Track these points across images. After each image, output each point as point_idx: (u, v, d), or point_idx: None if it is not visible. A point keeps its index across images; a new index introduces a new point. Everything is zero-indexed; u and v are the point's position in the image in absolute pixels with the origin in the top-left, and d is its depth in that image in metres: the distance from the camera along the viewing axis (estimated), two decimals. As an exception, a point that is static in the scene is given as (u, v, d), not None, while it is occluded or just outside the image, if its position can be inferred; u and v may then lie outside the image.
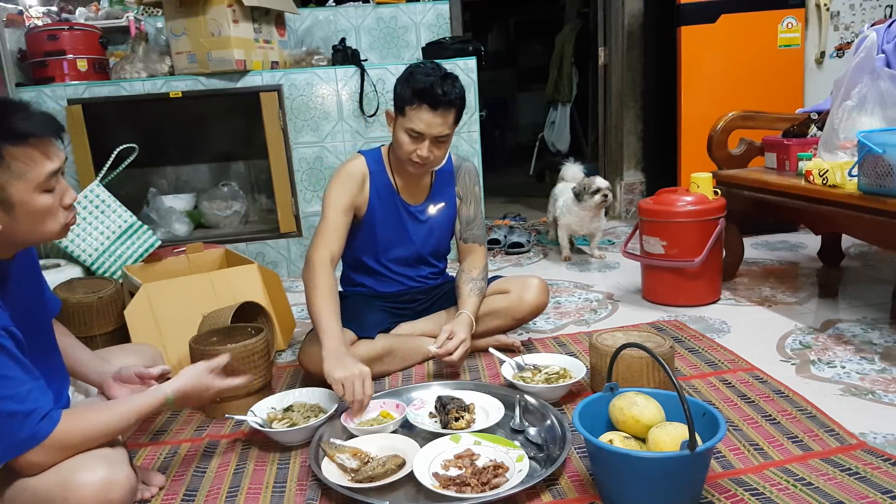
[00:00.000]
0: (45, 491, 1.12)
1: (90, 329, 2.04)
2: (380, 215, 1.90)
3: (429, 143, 1.74)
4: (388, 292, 2.01)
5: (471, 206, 2.02)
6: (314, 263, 1.74)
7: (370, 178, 1.88)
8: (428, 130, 1.72)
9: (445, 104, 1.71)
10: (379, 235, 1.92)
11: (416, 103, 1.71)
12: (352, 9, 3.53)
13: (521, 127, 8.07)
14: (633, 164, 4.11)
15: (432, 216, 1.97)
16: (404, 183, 1.92)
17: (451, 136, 1.79)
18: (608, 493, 1.24)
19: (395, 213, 1.92)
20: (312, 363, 1.78)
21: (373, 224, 1.90)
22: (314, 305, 1.68)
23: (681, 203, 2.33)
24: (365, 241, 1.93)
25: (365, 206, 1.88)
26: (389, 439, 1.46)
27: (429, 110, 1.70)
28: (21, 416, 1.07)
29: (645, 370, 1.56)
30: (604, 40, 4.06)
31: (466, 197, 2.01)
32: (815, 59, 3.47)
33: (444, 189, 1.99)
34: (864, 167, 1.83)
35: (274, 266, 3.16)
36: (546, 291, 2.03)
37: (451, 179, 2.00)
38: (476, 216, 2.03)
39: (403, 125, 1.75)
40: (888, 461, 1.32)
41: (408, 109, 1.73)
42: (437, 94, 1.69)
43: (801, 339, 2.01)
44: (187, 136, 3.59)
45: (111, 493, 1.14)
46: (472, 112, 3.17)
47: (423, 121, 1.71)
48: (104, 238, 2.47)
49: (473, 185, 2.02)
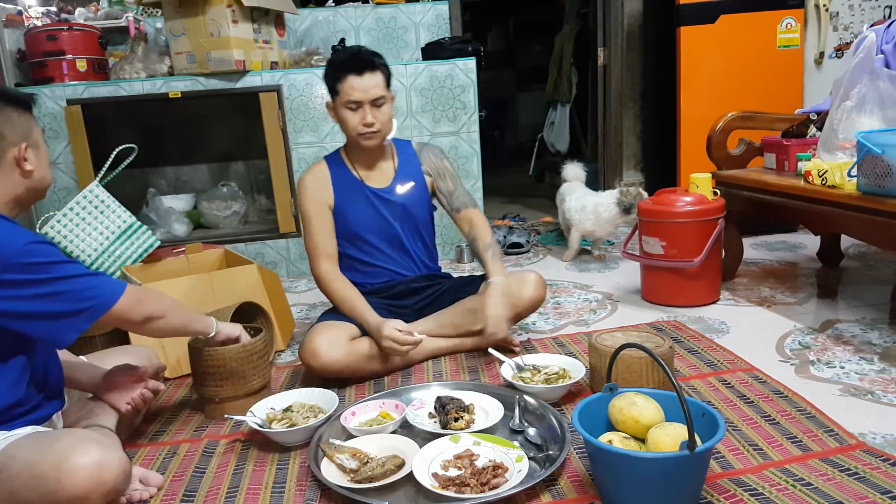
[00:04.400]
0: (41, 473, 1.13)
1: (89, 330, 2.01)
2: (349, 205, 1.98)
3: (368, 108, 1.86)
4: (378, 284, 2.03)
5: (446, 179, 2.08)
6: (321, 278, 1.94)
7: (332, 176, 2.00)
8: (362, 95, 1.85)
9: (368, 65, 1.86)
10: (353, 219, 1.98)
11: (343, 76, 1.86)
12: (351, 9, 3.53)
13: (520, 127, 8.07)
14: (633, 165, 4.11)
15: (402, 195, 2.02)
16: (367, 171, 2.02)
17: (387, 98, 1.90)
18: (607, 494, 1.24)
19: (363, 199, 1.99)
20: (313, 358, 1.79)
21: (345, 215, 1.98)
22: (341, 302, 1.91)
23: (680, 203, 2.33)
24: (343, 230, 1.99)
25: (333, 200, 1.98)
26: (389, 439, 1.46)
27: (356, 76, 1.85)
28: (102, 276, 1.31)
29: (644, 370, 1.56)
30: (603, 40, 4.06)
31: (439, 172, 2.08)
32: (815, 59, 3.47)
33: (410, 170, 2.05)
34: (864, 167, 1.84)
35: (273, 266, 3.16)
36: (543, 286, 2.04)
37: (416, 160, 2.07)
38: (456, 186, 2.09)
39: (341, 102, 1.88)
40: (887, 461, 1.32)
41: (339, 86, 1.87)
42: (357, 60, 1.86)
43: (801, 339, 2.01)
44: (187, 137, 3.58)
45: (104, 474, 1.16)
46: (471, 112, 3.18)
47: (355, 87, 1.85)
48: (103, 238, 2.47)
49: (441, 160, 2.09)
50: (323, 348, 1.79)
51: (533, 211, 4.66)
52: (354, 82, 1.84)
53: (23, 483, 1.14)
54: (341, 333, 1.85)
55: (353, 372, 1.84)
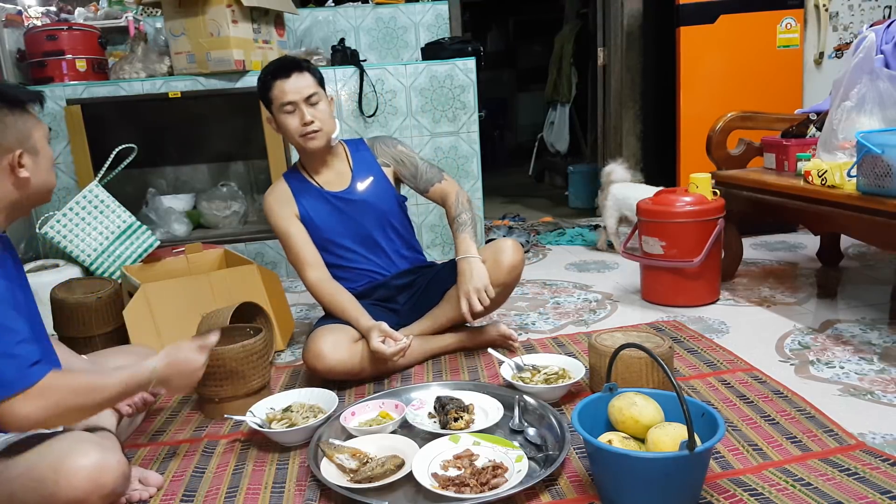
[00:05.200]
0: (39, 475, 1.13)
1: (89, 329, 2.04)
2: (315, 214, 1.99)
3: (304, 106, 1.87)
4: (361, 288, 2.02)
5: (405, 163, 2.09)
6: (311, 286, 1.94)
7: (293, 189, 2.01)
8: (295, 95, 1.86)
9: (294, 67, 1.88)
10: (322, 225, 1.99)
11: (272, 82, 1.88)
12: (351, 9, 3.53)
13: (520, 127, 8.07)
14: (633, 165, 4.08)
15: (363, 192, 2.02)
16: (325, 177, 2.03)
17: (322, 95, 1.91)
18: (607, 494, 1.24)
19: (326, 204, 2.01)
20: (318, 360, 1.79)
21: (312, 219, 1.99)
22: (333, 308, 1.91)
23: (680, 203, 2.33)
24: (315, 239, 1.99)
25: (298, 212, 1.99)
26: (388, 439, 1.46)
27: (283, 79, 1.86)
28: (12, 359, 1.09)
29: (644, 370, 1.56)
30: (603, 41, 4.06)
31: (396, 159, 2.09)
32: (814, 59, 3.47)
33: (365, 166, 2.06)
34: (863, 168, 1.84)
35: (273, 266, 3.16)
36: (520, 250, 1.99)
37: (370, 155, 2.08)
38: (417, 164, 2.09)
39: (277, 108, 1.89)
40: (887, 461, 1.32)
41: (271, 94, 1.89)
42: (281, 65, 1.89)
43: (800, 339, 2.01)
44: (186, 137, 3.58)
45: (103, 476, 1.15)
46: (471, 112, 3.18)
47: (285, 89, 1.86)
48: (103, 238, 2.47)
49: (394, 147, 2.10)
50: (328, 351, 1.79)
51: (533, 211, 4.66)
52: (284, 85, 1.86)
53: (21, 485, 1.14)
54: (344, 336, 1.84)
55: (358, 373, 1.84)
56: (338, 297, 1.91)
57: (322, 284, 1.93)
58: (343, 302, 1.90)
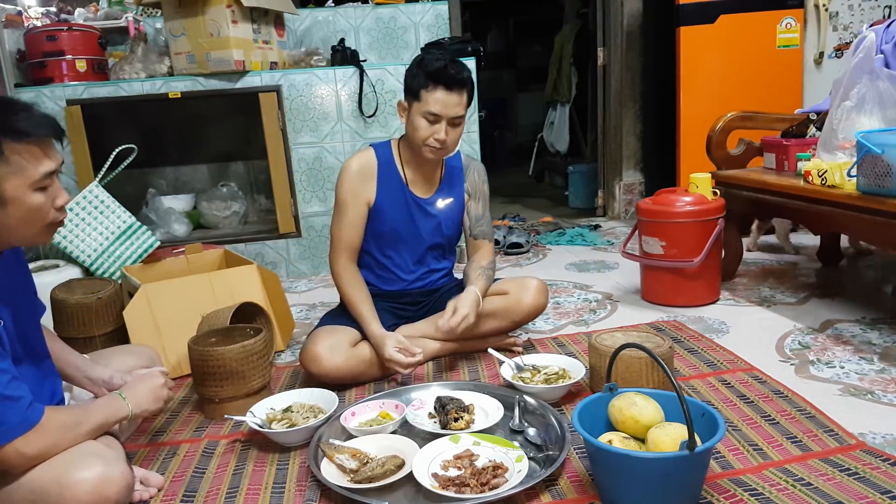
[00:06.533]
0: (41, 488, 1.12)
1: (89, 330, 2.04)
2: (388, 206, 1.92)
3: (445, 125, 1.79)
4: (390, 291, 2.01)
5: (479, 203, 2.05)
6: (336, 272, 1.92)
7: (379, 170, 1.91)
8: (445, 111, 1.77)
9: (459, 83, 1.77)
10: (387, 227, 1.93)
11: (432, 85, 1.76)
12: (351, 9, 3.53)
13: (520, 127, 8.07)
14: (633, 165, 4.11)
15: (441, 210, 1.98)
16: (414, 176, 1.94)
17: (464, 118, 1.83)
18: (607, 494, 1.24)
19: (404, 205, 1.93)
20: (314, 363, 1.79)
21: (382, 215, 1.92)
22: (348, 302, 1.89)
23: (680, 203, 2.33)
24: (374, 228, 1.94)
25: (374, 197, 1.91)
26: (389, 440, 1.46)
27: (444, 90, 1.76)
28: (12, 402, 1.10)
29: (644, 370, 1.56)
30: (603, 40, 4.06)
31: (476, 194, 2.04)
32: (814, 59, 3.47)
33: (454, 184, 2.01)
34: (863, 167, 1.84)
35: (273, 267, 3.16)
36: (545, 292, 2.02)
37: (461, 175, 2.02)
38: (484, 213, 2.06)
39: (420, 110, 1.79)
40: (887, 461, 1.32)
41: (423, 93, 1.77)
42: (451, 74, 1.76)
43: (800, 339, 2.01)
44: (186, 137, 3.58)
45: (107, 489, 1.14)
46: (471, 112, 3.17)
47: (440, 101, 1.76)
48: (103, 239, 2.47)
49: (483, 183, 2.06)
50: (324, 354, 1.78)
51: (533, 211, 4.67)
52: (441, 95, 1.76)
53: (22, 497, 1.13)
54: (343, 339, 1.83)
55: (354, 378, 1.84)
56: (357, 292, 1.89)
57: (347, 272, 1.91)
58: (360, 300, 1.88)
